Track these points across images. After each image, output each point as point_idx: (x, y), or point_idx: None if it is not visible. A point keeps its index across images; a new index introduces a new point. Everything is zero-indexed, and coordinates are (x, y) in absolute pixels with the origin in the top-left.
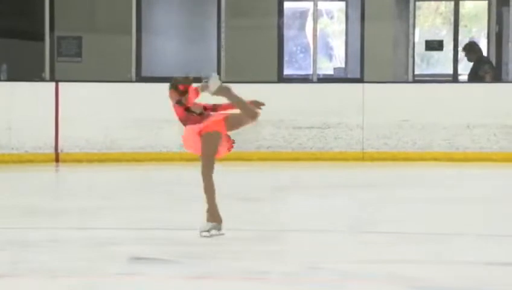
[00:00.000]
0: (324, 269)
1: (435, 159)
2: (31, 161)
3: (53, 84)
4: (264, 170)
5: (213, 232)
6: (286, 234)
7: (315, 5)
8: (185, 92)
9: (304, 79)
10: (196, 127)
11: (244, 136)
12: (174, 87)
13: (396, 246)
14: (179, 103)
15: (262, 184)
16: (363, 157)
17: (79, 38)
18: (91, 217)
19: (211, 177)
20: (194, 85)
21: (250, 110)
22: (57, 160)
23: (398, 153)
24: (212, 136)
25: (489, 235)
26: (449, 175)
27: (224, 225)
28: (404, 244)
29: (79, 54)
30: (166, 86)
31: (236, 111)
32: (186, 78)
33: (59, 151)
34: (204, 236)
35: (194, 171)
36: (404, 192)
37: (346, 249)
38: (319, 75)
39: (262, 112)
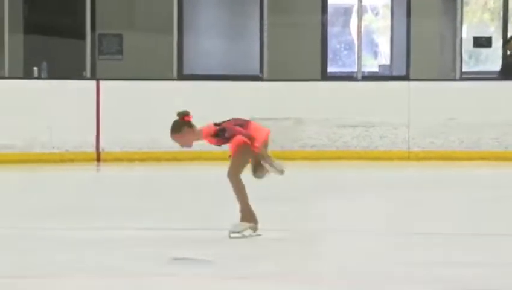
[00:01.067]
0: (362, 271)
1: (483, 159)
2: (71, 160)
3: (94, 82)
4: (308, 169)
5: (246, 233)
6: (327, 234)
7: (359, 1)
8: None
9: (348, 77)
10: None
11: (287, 135)
12: (179, 124)
13: (442, 248)
14: (215, 136)
15: (305, 183)
16: (408, 157)
17: (120, 36)
18: (132, 217)
19: (238, 177)
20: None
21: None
22: (98, 159)
23: (444, 152)
24: (247, 149)
25: None
26: (497, 175)
27: (262, 225)
28: (450, 246)
29: (120, 52)
30: (208, 83)
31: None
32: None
33: (100, 150)
34: (234, 237)
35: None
36: (451, 192)
37: (389, 250)
38: (363, 72)
39: (306, 110)
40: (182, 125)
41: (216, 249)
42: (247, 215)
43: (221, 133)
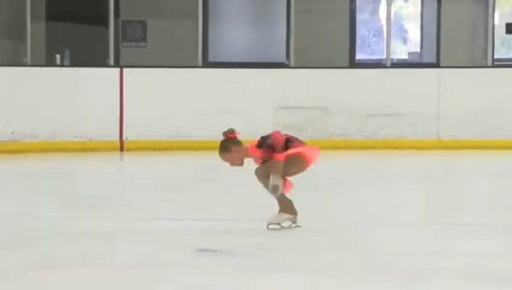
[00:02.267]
0: (399, 263)
1: None
2: (95, 150)
3: (117, 69)
4: (335, 159)
5: (285, 224)
6: (358, 226)
7: None
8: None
9: (377, 64)
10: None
11: (314, 124)
12: (226, 143)
13: (476, 239)
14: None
15: (332, 174)
16: (439, 146)
17: (144, 23)
18: (156, 207)
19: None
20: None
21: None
22: (121, 148)
23: (476, 141)
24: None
25: None
26: None
27: (298, 216)
28: (484, 236)
29: (144, 39)
30: (233, 71)
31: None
32: (228, 130)
33: (124, 139)
34: (273, 228)
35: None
36: (483, 182)
37: (422, 242)
38: (392, 60)
39: (333, 99)
40: (229, 144)
41: (245, 240)
42: (286, 206)
43: (263, 141)
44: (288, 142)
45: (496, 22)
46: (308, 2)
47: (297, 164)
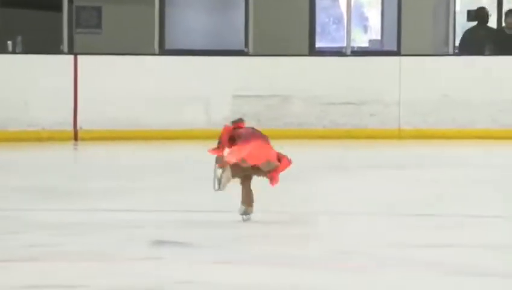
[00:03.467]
0: (357, 253)
1: (477, 138)
2: (48, 139)
3: (71, 57)
4: (294, 149)
5: (246, 216)
6: (317, 216)
7: None
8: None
9: (337, 52)
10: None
11: (272, 113)
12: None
13: (435, 230)
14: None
15: (294, 163)
16: (399, 135)
17: (99, 9)
18: (111, 198)
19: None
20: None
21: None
22: (75, 138)
23: (437, 130)
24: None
25: None
26: (493, 154)
27: (255, 206)
28: (445, 227)
29: (99, 25)
30: (191, 59)
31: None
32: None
33: (78, 128)
34: (245, 220)
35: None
36: (443, 172)
37: (381, 232)
38: (353, 47)
39: (293, 87)
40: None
41: (204, 232)
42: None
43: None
44: (238, 138)
45: (458, 8)
46: None
47: (233, 168)
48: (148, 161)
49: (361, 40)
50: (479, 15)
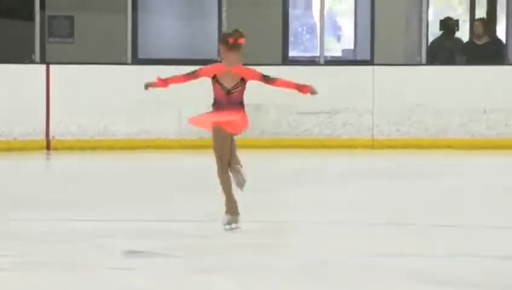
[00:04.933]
0: (334, 262)
1: (449, 147)
2: (20, 149)
3: (44, 66)
4: (268, 158)
5: (233, 225)
6: (292, 226)
7: None
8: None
9: (310, 61)
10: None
11: None
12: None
13: (410, 239)
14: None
15: (266, 173)
16: (373, 145)
17: (71, 18)
18: (83, 208)
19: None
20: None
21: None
22: (47, 147)
23: (410, 139)
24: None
25: (506, 228)
26: (465, 163)
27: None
28: (418, 236)
29: (71, 35)
30: (164, 68)
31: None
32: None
33: (50, 137)
34: (227, 229)
35: (192, 160)
36: (417, 181)
37: (356, 241)
38: (326, 57)
39: (266, 96)
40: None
41: (175, 241)
42: (231, 207)
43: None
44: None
45: (430, 18)
46: None
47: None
48: (120, 170)
49: (334, 50)
50: (445, 25)
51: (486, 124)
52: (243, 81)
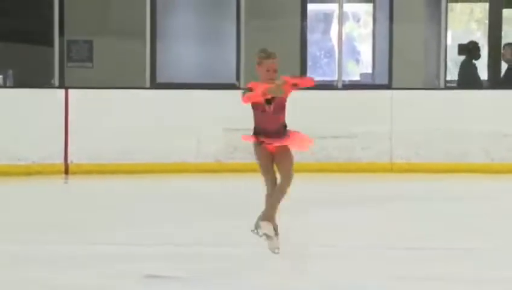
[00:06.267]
0: (354, 287)
1: (470, 171)
2: (38, 173)
3: (62, 90)
4: None
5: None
6: (311, 250)
7: (340, 7)
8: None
9: (329, 85)
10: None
11: None
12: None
13: (429, 263)
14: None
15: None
16: (391, 169)
17: (90, 42)
18: (102, 232)
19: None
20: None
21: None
22: (66, 172)
23: (429, 164)
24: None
25: None
26: (485, 188)
27: (246, 239)
28: (437, 260)
29: (90, 59)
30: (182, 92)
31: None
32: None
33: (69, 162)
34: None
35: (211, 183)
36: (436, 206)
37: (376, 266)
38: (344, 81)
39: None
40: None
41: (197, 266)
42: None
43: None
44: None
45: (449, 42)
46: (258, 21)
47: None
48: (139, 194)
49: (352, 74)
50: (470, 49)
51: (506, 147)
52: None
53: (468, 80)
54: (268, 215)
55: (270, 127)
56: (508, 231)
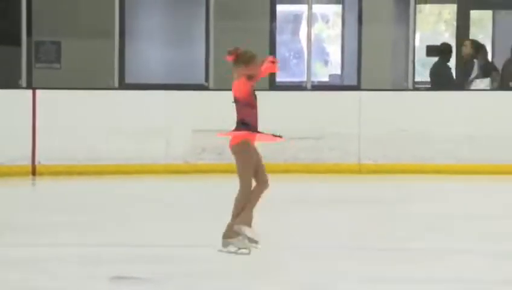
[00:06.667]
0: (323, 288)
1: (436, 172)
2: (5, 174)
3: (30, 91)
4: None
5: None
6: (279, 251)
7: (309, 8)
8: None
9: (298, 86)
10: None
11: None
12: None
13: (395, 264)
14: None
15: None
16: (359, 170)
17: (58, 43)
18: (70, 233)
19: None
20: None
21: None
22: (33, 173)
23: (396, 165)
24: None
25: (495, 254)
26: (452, 189)
27: (214, 241)
28: (402, 262)
29: (58, 60)
30: (151, 93)
31: None
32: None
33: (36, 163)
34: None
35: (180, 184)
36: (403, 207)
37: (344, 266)
38: (313, 82)
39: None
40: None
41: (165, 267)
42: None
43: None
44: None
45: (417, 44)
46: (227, 22)
47: None
48: (107, 195)
49: (321, 75)
50: (443, 50)
51: (473, 149)
52: (236, 100)
53: (442, 81)
54: (248, 219)
55: (256, 124)
56: (475, 231)
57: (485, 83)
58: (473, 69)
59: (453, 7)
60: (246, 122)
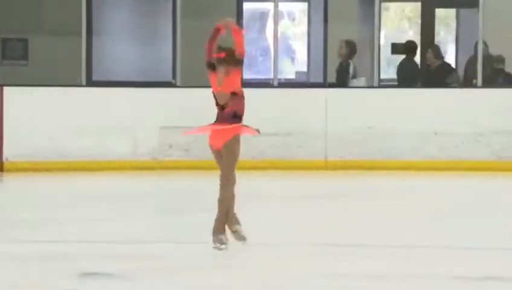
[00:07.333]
0: (286, 284)
1: (401, 168)
2: None
3: None
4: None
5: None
6: (245, 247)
7: (276, 6)
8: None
9: (264, 84)
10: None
11: (200, 144)
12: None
13: (361, 260)
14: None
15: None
16: (326, 166)
17: (25, 41)
18: (37, 230)
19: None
20: None
21: None
22: (1, 169)
23: (362, 161)
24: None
25: (457, 248)
26: (417, 184)
27: (183, 238)
28: (369, 257)
29: (25, 57)
30: (118, 90)
31: None
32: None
33: (4, 160)
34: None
35: (148, 181)
36: (369, 203)
37: (309, 263)
38: (279, 79)
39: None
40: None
41: (133, 263)
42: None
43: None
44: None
45: (382, 41)
46: (194, 19)
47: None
48: (75, 192)
49: (288, 72)
50: (408, 48)
51: (437, 146)
52: (233, 94)
53: (410, 78)
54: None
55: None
56: (439, 227)
57: (361, 82)
58: (349, 68)
59: (417, 5)
60: (239, 115)
